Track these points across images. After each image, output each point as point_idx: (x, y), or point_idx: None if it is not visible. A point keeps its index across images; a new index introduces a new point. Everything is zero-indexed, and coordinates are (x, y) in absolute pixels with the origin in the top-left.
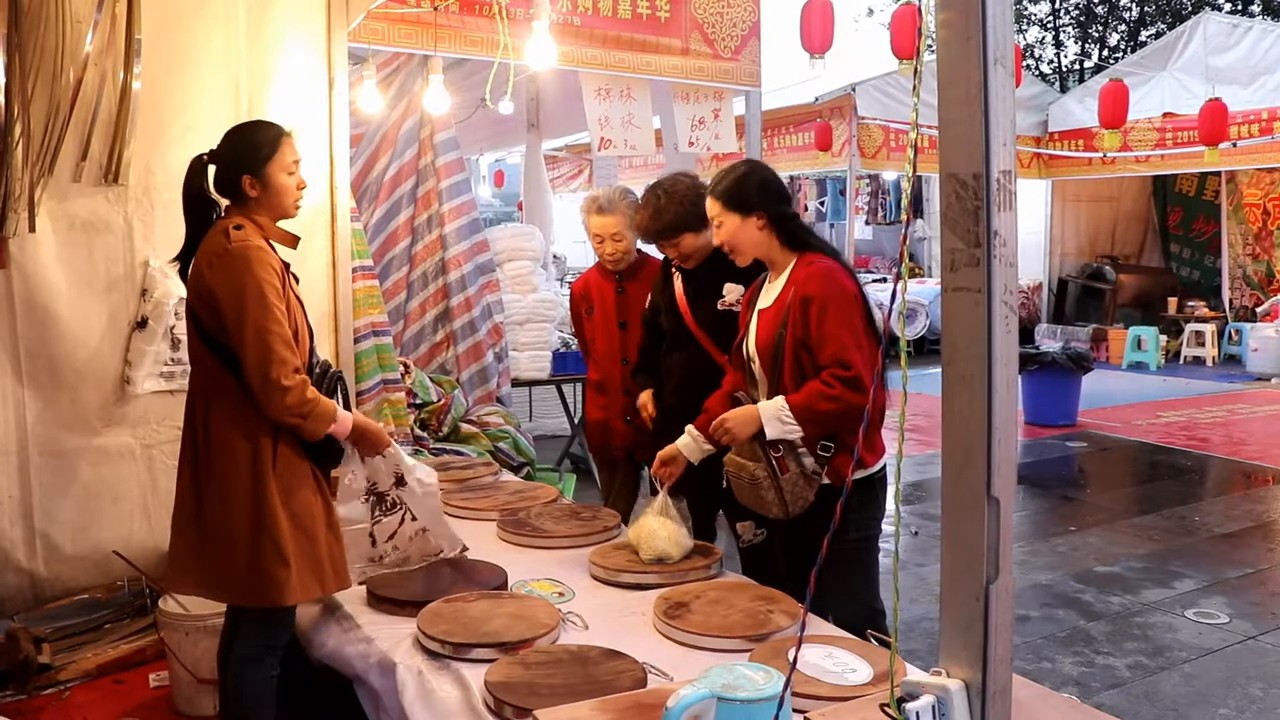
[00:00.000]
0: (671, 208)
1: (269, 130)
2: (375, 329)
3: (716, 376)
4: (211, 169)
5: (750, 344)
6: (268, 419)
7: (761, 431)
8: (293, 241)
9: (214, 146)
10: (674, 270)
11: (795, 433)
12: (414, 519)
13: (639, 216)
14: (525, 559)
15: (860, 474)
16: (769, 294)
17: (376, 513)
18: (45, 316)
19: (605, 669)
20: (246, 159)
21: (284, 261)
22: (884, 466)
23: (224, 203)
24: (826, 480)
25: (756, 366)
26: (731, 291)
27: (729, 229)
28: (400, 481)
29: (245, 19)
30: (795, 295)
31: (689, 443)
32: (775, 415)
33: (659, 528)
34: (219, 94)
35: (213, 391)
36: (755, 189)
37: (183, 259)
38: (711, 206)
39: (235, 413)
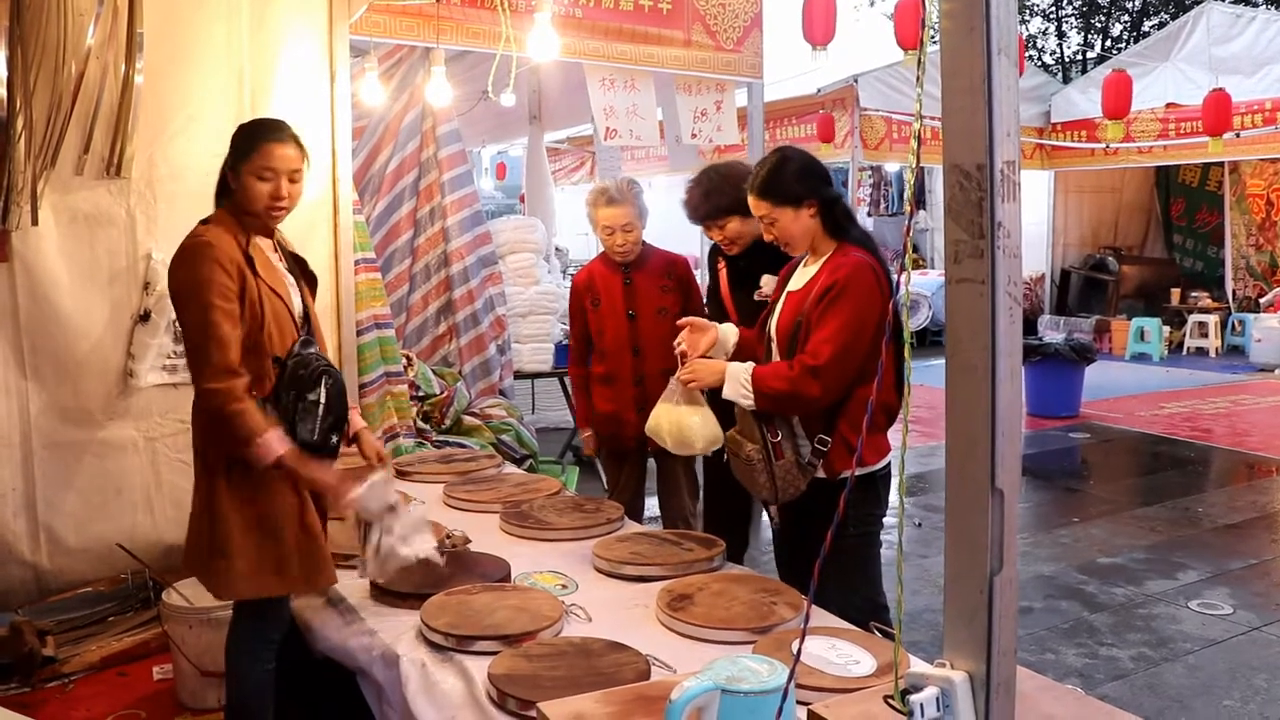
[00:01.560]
0: (726, 189)
1: (256, 130)
2: (378, 321)
3: None
4: None
5: (772, 324)
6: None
7: (761, 414)
8: (267, 232)
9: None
10: (720, 259)
11: (747, 400)
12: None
13: (690, 194)
14: (528, 551)
15: (861, 471)
16: (801, 277)
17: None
18: (48, 309)
19: (608, 661)
20: (231, 154)
21: (247, 255)
22: (887, 465)
23: None
24: (821, 474)
25: (774, 347)
26: (768, 284)
27: (783, 224)
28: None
29: (248, 12)
30: (823, 283)
31: (728, 328)
32: (737, 377)
33: (688, 414)
34: (221, 87)
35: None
36: (797, 177)
37: None
38: (759, 205)
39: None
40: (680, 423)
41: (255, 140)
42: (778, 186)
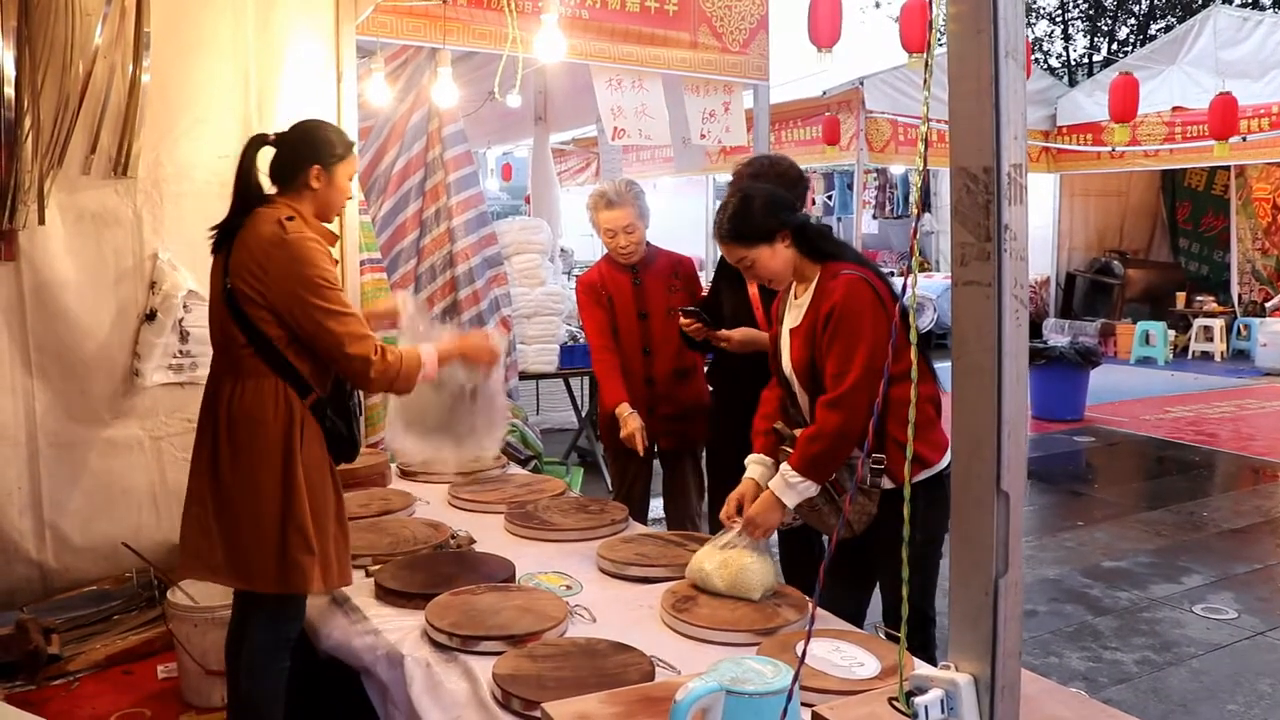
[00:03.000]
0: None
1: (345, 135)
2: None
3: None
4: (268, 151)
5: (786, 363)
6: (366, 391)
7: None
8: (332, 238)
9: (280, 130)
10: None
11: (811, 488)
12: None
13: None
14: (533, 551)
15: (925, 473)
16: (797, 310)
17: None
18: (54, 309)
19: (613, 662)
20: (322, 151)
21: None
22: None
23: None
24: (889, 485)
25: (796, 386)
26: None
27: (763, 262)
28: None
29: (254, 12)
30: (822, 311)
31: (763, 473)
32: (786, 486)
33: (742, 557)
34: (228, 87)
35: (244, 375)
36: (765, 212)
37: (224, 231)
38: (733, 251)
39: (267, 397)
40: (736, 567)
41: (350, 146)
42: (748, 227)
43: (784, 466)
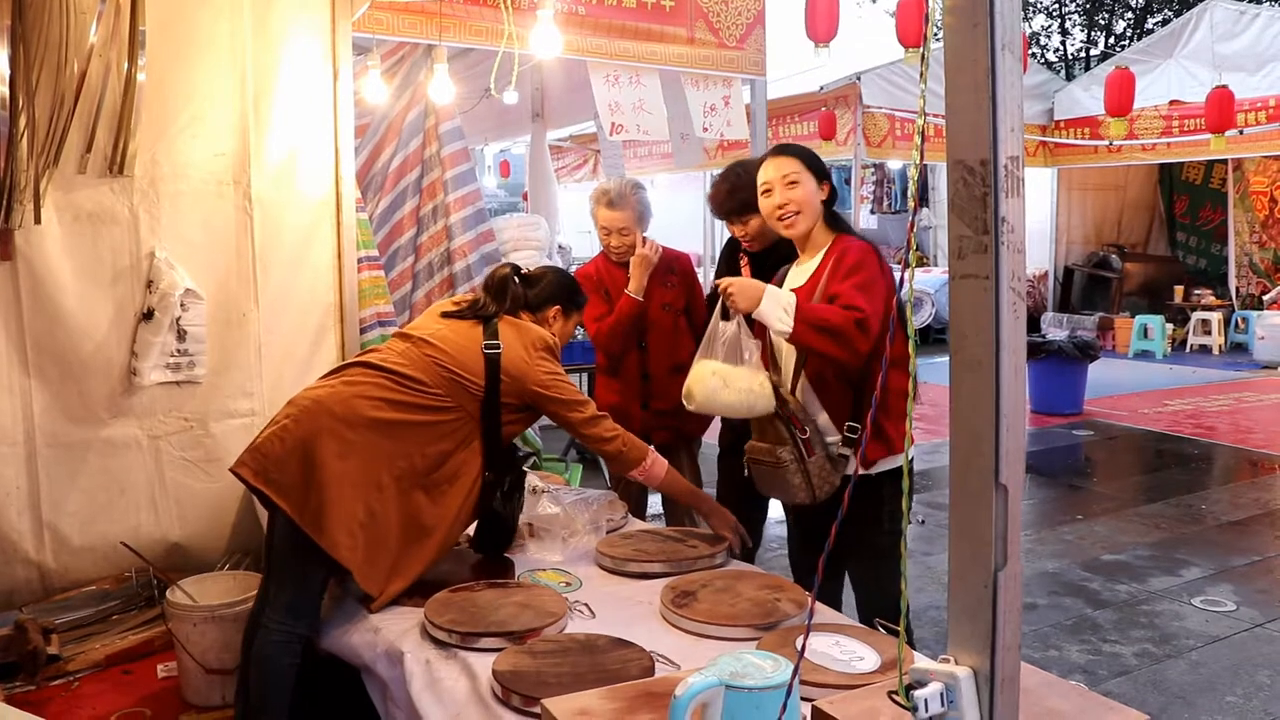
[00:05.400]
0: (751, 186)
1: (585, 297)
2: (381, 319)
3: None
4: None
5: None
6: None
7: (778, 407)
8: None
9: (529, 270)
10: (741, 254)
11: (784, 325)
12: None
13: (716, 189)
14: (532, 548)
15: (894, 462)
16: (802, 273)
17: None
18: (51, 308)
19: (613, 658)
20: (566, 296)
21: None
22: (913, 458)
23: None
24: (856, 467)
25: (784, 347)
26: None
27: (805, 188)
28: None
29: (250, 9)
30: (842, 261)
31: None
32: (776, 303)
33: (725, 367)
34: (224, 85)
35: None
36: (820, 161)
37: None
38: (787, 163)
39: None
40: (746, 388)
41: (585, 303)
42: (808, 156)
43: (790, 294)
